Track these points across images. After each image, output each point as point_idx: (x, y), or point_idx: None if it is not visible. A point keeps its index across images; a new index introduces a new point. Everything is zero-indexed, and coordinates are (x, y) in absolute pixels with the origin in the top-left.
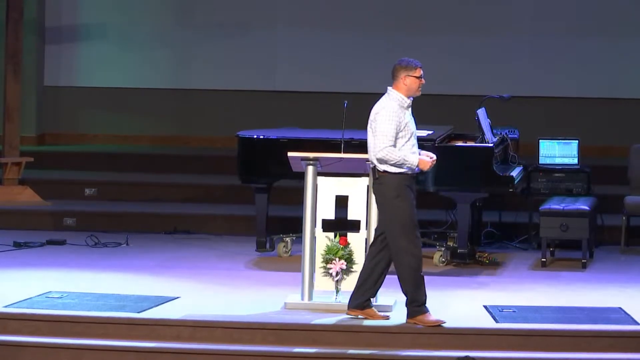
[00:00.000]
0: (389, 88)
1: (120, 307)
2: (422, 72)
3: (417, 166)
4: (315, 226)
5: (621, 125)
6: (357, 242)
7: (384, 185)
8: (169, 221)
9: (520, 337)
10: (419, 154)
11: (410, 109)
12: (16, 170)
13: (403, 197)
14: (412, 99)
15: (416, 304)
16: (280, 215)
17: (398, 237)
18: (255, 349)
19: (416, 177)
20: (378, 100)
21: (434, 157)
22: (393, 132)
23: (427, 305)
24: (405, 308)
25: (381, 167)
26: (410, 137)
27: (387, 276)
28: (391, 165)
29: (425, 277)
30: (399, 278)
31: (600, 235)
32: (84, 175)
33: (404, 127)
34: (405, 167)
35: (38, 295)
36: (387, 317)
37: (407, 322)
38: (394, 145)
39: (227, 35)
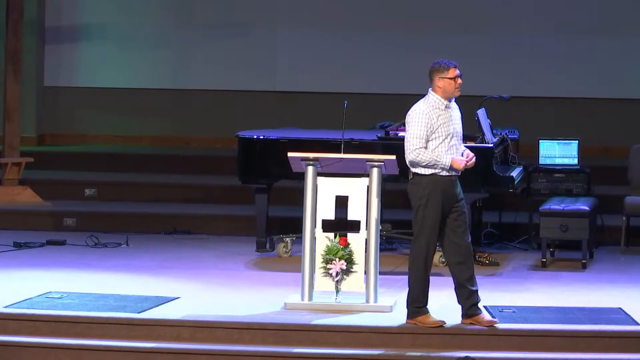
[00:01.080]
0: (429, 90)
1: (120, 307)
2: (457, 71)
3: (451, 166)
4: (315, 226)
5: (621, 125)
6: (357, 243)
7: (415, 185)
8: (169, 221)
9: (520, 337)
10: (462, 154)
11: (453, 110)
12: (16, 171)
13: (430, 200)
14: (453, 99)
15: (417, 304)
16: (280, 215)
17: (418, 237)
18: (256, 349)
19: (455, 179)
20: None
21: (472, 156)
22: (423, 134)
23: (427, 306)
24: (406, 308)
25: (413, 169)
26: (446, 138)
27: (386, 276)
28: (423, 166)
29: None
30: (409, 276)
31: (600, 235)
32: (84, 175)
33: (437, 129)
34: (438, 167)
35: (38, 296)
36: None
37: (407, 323)
38: (426, 147)
39: (227, 35)
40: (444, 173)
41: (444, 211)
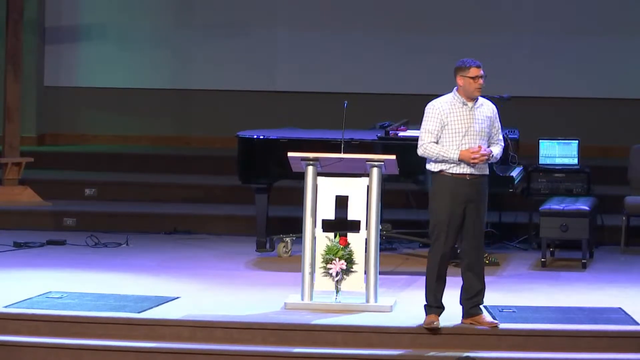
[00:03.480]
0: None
1: (120, 307)
2: (479, 71)
3: (460, 160)
4: (315, 226)
5: (621, 125)
6: (357, 242)
7: (431, 182)
8: (169, 221)
9: (520, 337)
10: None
11: (477, 108)
12: (16, 171)
13: (439, 197)
14: (478, 99)
15: (426, 303)
16: (280, 215)
17: (431, 234)
18: (255, 349)
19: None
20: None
21: (484, 150)
22: (433, 129)
23: (433, 308)
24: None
25: (427, 165)
26: (459, 135)
27: (386, 276)
28: (433, 162)
29: None
30: None
31: (600, 235)
32: (84, 175)
33: (449, 124)
34: (449, 162)
35: (38, 295)
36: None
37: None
38: (437, 142)
39: (227, 35)
40: (455, 170)
41: (456, 211)
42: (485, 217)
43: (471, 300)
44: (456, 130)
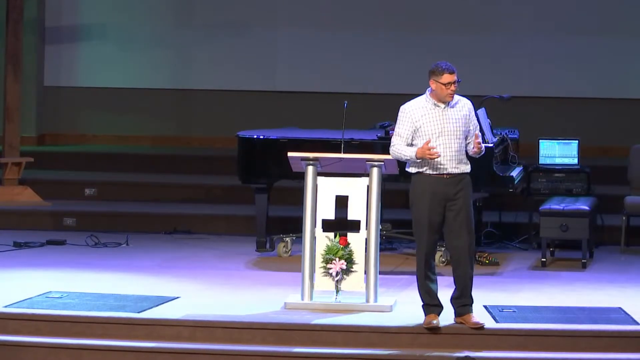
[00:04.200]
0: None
1: (120, 307)
2: (452, 77)
3: (417, 157)
4: (315, 226)
5: (621, 125)
6: (357, 242)
7: (410, 185)
8: (169, 221)
9: (520, 337)
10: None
11: (450, 109)
12: (16, 171)
13: (417, 198)
14: (453, 102)
15: (422, 303)
16: (280, 215)
17: (414, 235)
18: (255, 349)
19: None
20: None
21: (433, 150)
22: (403, 132)
23: (431, 307)
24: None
25: (406, 168)
26: (435, 136)
27: (386, 276)
28: (410, 164)
29: None
30: None
31: (600, 235)
32: (84, 175)
33: (421, 127)
34: (423, 164)
35: (38, 295)
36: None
37: None
38: (411, 144)
39: (227, 35)
40: (432, 171)
41: (435, 211)
42: (470, 216)
43: (458, 300)
44: (429, 132)
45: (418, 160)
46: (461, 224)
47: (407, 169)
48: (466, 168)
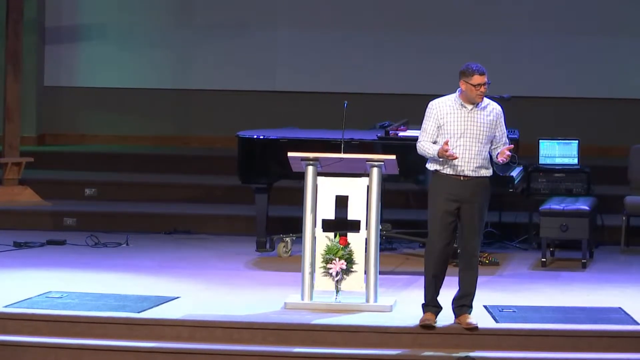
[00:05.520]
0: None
1: (120, 307)
2: (482, 79)
3: (439, 156)
4: (315, 226)
5: (621, 125)
6: (357, 242)
7: (429, 182)
8: (169, 221)
9: (520, 337)
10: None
11: (478, 111)
12: (16, 171)
13: (433, 196)
14: (480, 103)
15: (424, 301)
16: (280, 215)
17: (429, 233)
18: (255, 349)
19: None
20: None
21: (450, 152)
22: (429, 128)
23: (430, 307)
24: None
25: (426, 164)
26: (456, 136)
27: (386, 276)
28: (430, 161)
29: None
30: None
31: (600, 235)
32: (84, 175)
33: (444, 125)
34: (437, 161)
35: (38, 295)
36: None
37: None
38: (435, 142)
39: (227, 35)
40: (449, 171)
41: (448, 211)
42: (483, 221)
43: (458, 301)
44: (451, 131)
45: (440, 159)
46: (472, 228)
47: (426, 165)
48: (486, 172)
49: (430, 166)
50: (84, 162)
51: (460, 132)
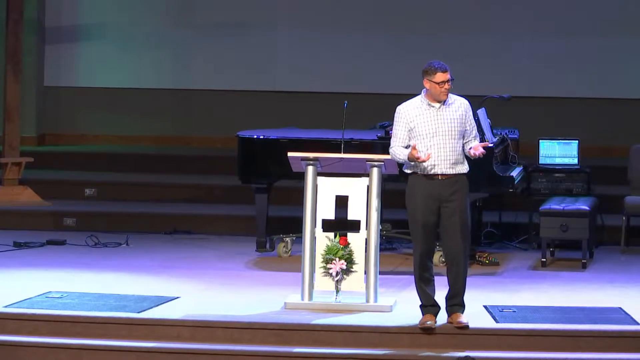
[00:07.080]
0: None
1: (120, 307)
2: (445, 76)
3: (409, 160)
4: (315, 226)
5: (621, 125)
6: (357, 242)
7: (407, 185)
8: (169, 221)
9: (520, 337)
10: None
11: (445, 108)
12: (16, 171)
13: (411, 197)
14: (447, 100)
15: (420, 303)
16: (280, 215)
17: (411, 235)
18: (256, 349)
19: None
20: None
21: (419, 155)
22: (399, 133)
23: (427, 307)
24: None
25: (403, 168)
26: (429, 136)
27: (386, 276)
28: (406, 165)
29: None
30: None
31: (600, 235)
32: (84, 175)
33: (415, 127)
34: (405, 163)
35: (38, 295)
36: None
37: None
38: (407, 146)
39: (227, 35)
40: (425, 172)
41: (430, 211)
42: (465, 217)
43: (449, 300)
44: (423, 132)
45: (412, 163)
46: (455, 226)
47: (403, 169)
48: (462, 169)
49: (407, 170)
50: (84, 162)
51: (432, 131)
